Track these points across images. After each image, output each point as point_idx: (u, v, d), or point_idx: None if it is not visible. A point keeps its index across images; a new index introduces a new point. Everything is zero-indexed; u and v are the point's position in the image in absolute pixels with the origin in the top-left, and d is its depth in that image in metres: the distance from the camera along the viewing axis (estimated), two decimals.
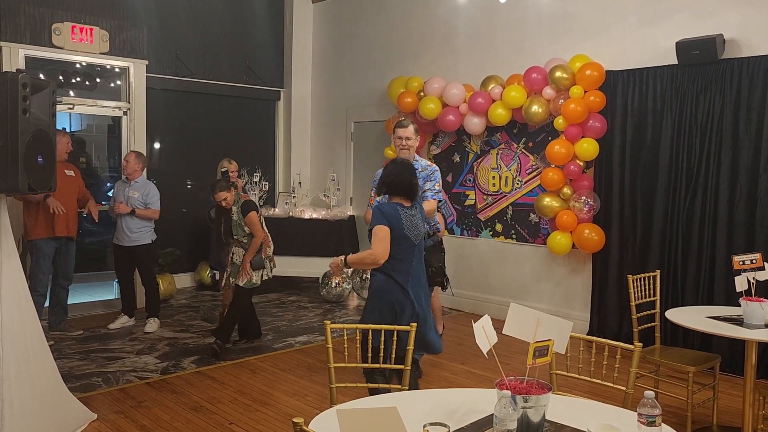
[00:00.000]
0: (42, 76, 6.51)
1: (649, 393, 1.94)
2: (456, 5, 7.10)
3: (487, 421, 2.09)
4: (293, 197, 8.23)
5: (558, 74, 5.87)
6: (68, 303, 6.05)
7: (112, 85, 7.40)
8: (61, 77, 6.95)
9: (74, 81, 7.07)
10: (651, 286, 4.34)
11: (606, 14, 5.95)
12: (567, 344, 2.21)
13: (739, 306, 3.66)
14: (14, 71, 3.27)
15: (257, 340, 5.82)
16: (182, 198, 7.92)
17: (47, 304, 5.82)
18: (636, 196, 5.69)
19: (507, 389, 1.99)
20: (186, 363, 5.17)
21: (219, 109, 8.46)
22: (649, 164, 5.59)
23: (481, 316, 2.27)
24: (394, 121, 6.03)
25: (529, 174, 6.57)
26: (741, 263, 3.77)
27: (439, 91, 6.86)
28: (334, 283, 7.37)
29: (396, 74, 7.53)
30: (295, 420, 1.74)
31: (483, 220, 7.00)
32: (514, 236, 6.73)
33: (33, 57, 6.50)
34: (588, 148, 5.79)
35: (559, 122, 5.95)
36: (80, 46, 6.67)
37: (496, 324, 2.20)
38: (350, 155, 8.62)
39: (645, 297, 4.30)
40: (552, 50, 6.25)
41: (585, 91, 5.82)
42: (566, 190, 5.99)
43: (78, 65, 7.00)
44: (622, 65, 5.76)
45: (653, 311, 4.32)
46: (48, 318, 5.82)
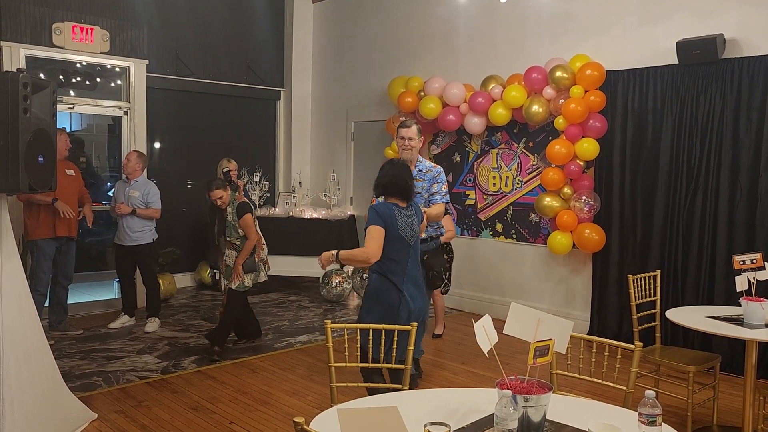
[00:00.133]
0: (42, 76, 6.52)
1: (650, 393, 1.94)
2: (456, 5, 7.10)
3: (488, 421, 2.09)
4: (293, 197, 8.23)
5: (558, 74, 5.87)
6: (68, 302, 6.06)
7: (113, 85, 7.41)
8: (62, 77, 6.96)
9: (75, 81, 7.07)
10: (651, 286, 4.34)
11: (606, 14, 5.95)
12: (567, 344, 2.21)
13: (740, 306, 3.66)
14: (15, 71, 3.28)
15: (257, 340, 5.81)
16: (182, 198, 7.92)
17: (47, 304, 5.83)
18: (636, 196, 5.69)
19: (508, 389, 1.99)
20: (186, 362, 5.18)
21: (219, 109, 8.47)
22: (650, 164, 5.59)
23: (482, 316, 2.27)
24: (395, 121, 6.04)
25: (530, 174, 6.57)
26: (741, 263, 3.77)
27: (440, 91, 6.86)
28: (335, 283, 7.37)
29: (396, 74, 7.53)
30: (296, 419, 1.74)
31: (483, 220, 7.00)
32: (515, 236, 6.73)
33: (33, 57, 6.51)
34: (588, 148, 5.79)
35: (560, 122, 5.95)
36: (81, 46, 6.68)
37: (497, 324, 2.20)
38: (350, 155, 8.62)
39: (645, 297, 4.30)
40: (552, 50, 6.25)
41: (585, 91, 5.82)
42: (566, 190, 5.99)
43: (78, 65, 7.00)
44: (623, 65, 5.76)
45: (653, 311, 4.33)
46: (48, 317, 5.83)
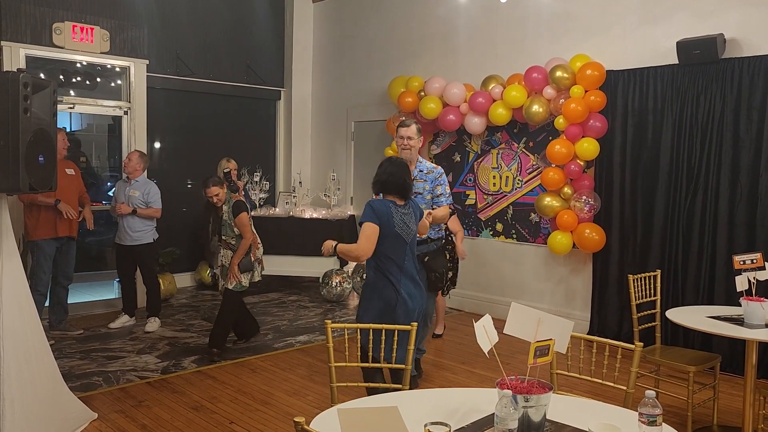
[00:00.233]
0: (43, 76, 6.52)
1: (650, 393, 1.94)
2: (456, 5, 7.10)
3: (488, 421, 2.09)
4: (294, 197, 8.23)
5: (558, 74, 5.87)
6: (69, 302, 6.06)
7: (113, 85, 7.41)
8: (62, 77, 6.96)
9: (75, 80, 7.07)
10: (651, 286, 4.34)
11: (606, 14, 5.95)
12: (568, 344, 2.21)
13: (740, 306, 3.66)
14: (15, 71, 3.27)
15: (257, 335, 5.81)
16: (183, 198, 7.92)
17: (48, 304, 5.83)
18: (636, 196, 5.69)
19: (508, 389, 1.99)
20: (186, 362, 5.17)
21: (219, 109, 8.47)
22: (650, 164, 5.59)
23: (482, 316, 2.27)
24: (395, 121, 6.03)
25: (530, 174, 6.57)
26: (741, 263, 3.78)
27: (440, 91, 6.86)
28: (335, 283, 7.37)
29: (396, 74, 7.53)
30: (297, 419, 1.74)
31: (483, 220, 7.00)
32: (515, 236, 6.73)
33: (34, 56, 6.51)
34: (588, 148, 5.79)
35: (560, 122, 5.95)
36: (81, 46, 6.68)
37: (497, 323, 2.20)
38: (351, 155, 8.62)
39: (645, 297, 4.30)
40: (552, 50, 6.25)
41: (585, 91, 5.82)
42: (567, 190, 5.99)
43: (78, 65, 7.00)
44: (623, 65, 5.76)
45: (654, 311, 4.33)
46: (48, 317, 5.83)
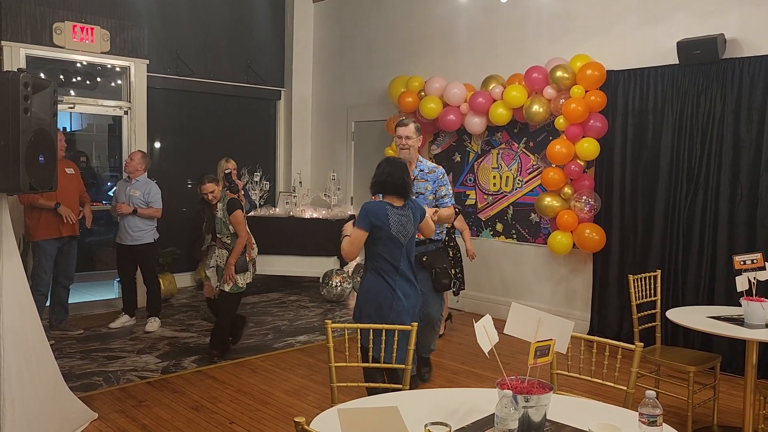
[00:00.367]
0: (43, 76, 6.52)
1: (651, 393, 1.94)
2: (457, 5, 7.10)
3: (488, 421, 2.09)
4: (294, 197, 8.23)
5: (559, 74, 5.87)
6: (69, 302, 6.06)
7: (113, 85, 7.41)
8: (62, 76, 6.96)
9: (75, 80, 7.07)
10: (652, 286, 4.34)
11: (607, 14, 5.95)
12: (568, 344, 2.21)
13: (740, 306, 3.66)
14: (15, 70, 3.27)
15: (245, 328, 5.64)
16: (183, 198, 7.92)
17: (48, 304, 5.83)
18: (637, 196, 5.69)
19: (508, 389, 1.99)
20: (186, 362, 5.17)
21: (220, 109, 8.47)
22: (650, 164, 5.59)
23: (483, 316, 2.27)
24: (395, 121, 6.02)
25: (530, 174, 6.57)
26: (742, 263, 3.78)
27: (440, 91, 6.86)
28: (335, 283, 7.37)
29: (397, 74, 7.52)
30: (297, 419, 1.74)
31: (483, 220, 7.00)
32: (515, 236, 6.73)
33: (34, 56, 6.50)
34: (589, 148, 5.79)
35: (560, 122, 5.95)
36: (81, 46, 6.68)
37: (497, 324, 2.20)
38: (351, 155, 8.62)
39: (646, 297, 4.29)
40: (553, 50, 6.25)
41: (586, 91, 5.82)
42: (567, 190, 5.99)
43: (79, 64, 7.00)
44: (623, 65, 5.76)
45: (654, 311, 4.32)
46: (49, 317, 5.83)
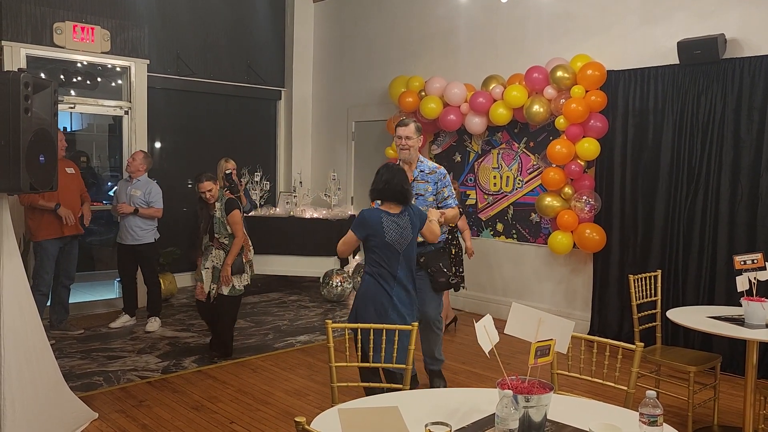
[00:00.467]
0: (43, 76, 6.52)
1: (651, 393, 1.94)
2: (457, 5, 7.10)
3: (489, 421, 2.10)
4: (294, 197, 8.23)
5: (559, 74, 5.87)
6: (69, 302, 6.06)
7: (114, 85, 7.41)
8: (63, 76, 6.96)
9: (75, 80, 7.07)
10: (652, 286, 4.34)
11: (607, 14, 5.95)
12: (569, 344, 2.21)
13: (740, 306, 3.66)
14: (16, 70, 3.27)
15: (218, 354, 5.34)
16: (183, 197, 7.91)
17: (49, 303, 5.83)
18: (637, 196, 5.68)
19: (509, 389, 1.99)
20: (187, 362, 5.17)
21: (220, 109, 8.47)
22: (650, 164, 5.59)
23: (483, 316, 2.27)
24: (396, 121, 6.01)
25: (530, 174, 6.57)
26: (742, 263, 3.77)
27: (440, 91, 6.86)
28: (335, 283, 7.37)
29: (397, 74, 7.52)
30: (297, 419, 1.74)
31: (484, 220, 7.00)
32: (515, 236, 6.73)
33: (34, 56, 6.50)
34: (589, 148, 5.79)
35: (560, 122, 5.95)
36: (81, 46, 6.68)
37: (498, 323, 2.20)
38: (351, 155, 8.62)
39: (646, 297, 4.29)
40: (553, 50, 6.25)
41: (586, 91, 5.82)
42: (567, 190, 5.99)
43: (79, 64, 7.00)
44: (624, 65, 5.76)
45: (654, 311, 4.32)
46: (49, 317, 5.83)
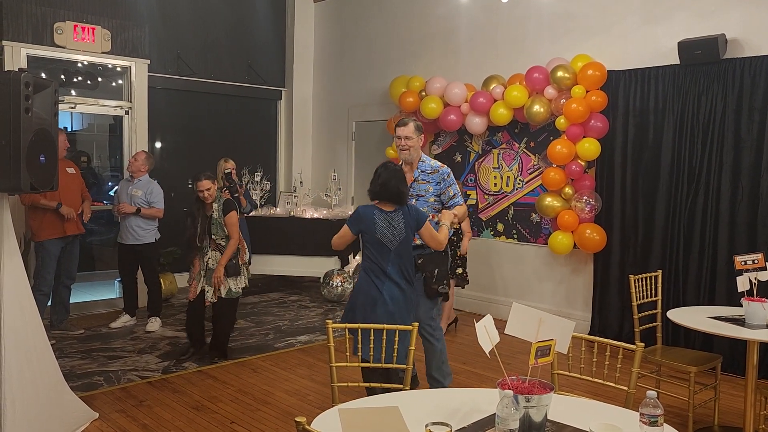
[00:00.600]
0: (44, 76, 6.52)
1: (652, 393, 1.94)
2: (457, 5, 7.09)
3: (489, 421, 2.10)
4: (294, 197, 8.23)
5: (560, 74, 5.87)
6: (70, 302, 6.06)
7: (114, 85, 7.41)
8: (63, 76, 6.96)
9: (76, 80, 7.07)
10: (652, 286, 4.34)
11: (608, 14, 5.95)
12: (569, 344, 2.21)
13: (741, 306, 3.66)
14: (16, 70, 3.27)
15: (197, 354, 5.27)
16: (183, 197, 7.89)
17: (49, 303, 5.83)
18: (637, 196, 5.68)
19: (509, 389, 1.99)
20: (187, 362, 5.17)
21: (221, 109, 8.47)
22: (651, 164, 5.58)
23: (483, 316, 2.27)
24: (396, 121, 6.01)
25: (531, 174, 6.56)
26: (743, 263, 3.77)
27: (441, 91, 6.86)
28: (335, 283, 7.37)
29: (397, 74, 7.52)
30: (298, 419, 1.74)
31: (484, 220, 7.00)
32: (516, 236, 6.73)
33: (35, 56, 6.50)
34: (590, 148, 5.78)
35: (561, 122, 5.95)
36: (82, 46, 6.68)
37: (498, 324, 2.20)
38: (351, 155, 8.62)
39: (646, 297, 4.29)
40: (553, 50, 6.25)
41: (587, 91, 5.81)
42: (568, 190, 5.99)
43: (80, 64, 7.00)
44: (624, 65, 5.76)
45: (655, 311, 4.32)
46: (50, 317, 5.83)
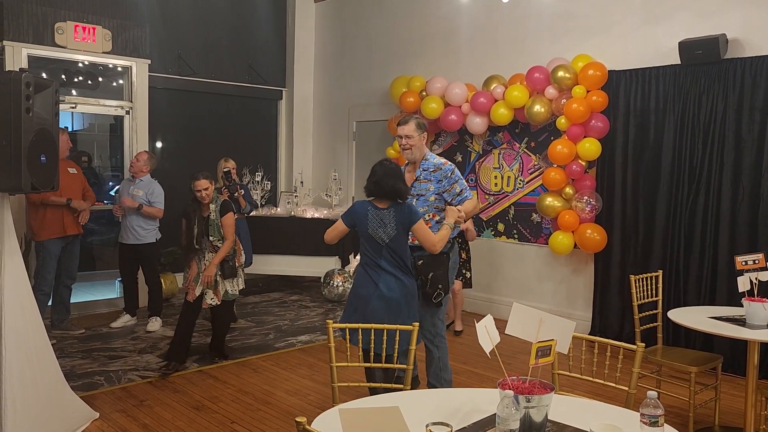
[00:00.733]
0: (45, 76, 6.53)
1: (652, 393, 1.94)
2: (458, 4, 7.09)
3: (490, 421, 2.10)
4: (295, 196, 8.23)
5: (560, 74, 5.87)
6: (71, 301, 6.06)
7: (115, 85, 7.42)
8: (64, 76, 6.97)
9: (77, 80, 7.08)
10: (653, 286, 4.33)
11: (608, 14, 5.95)
12: (569, 344, 2.21)
13: (742, 306, 3.66)
14: (17, 70, 3.27)
15: (180, 366, 5.02)
16: (184, 197, 7.87)
17: (50, 303, 5.83)
18: (638, 196, 5.68)
19: (509, 389, 1.99)
20: (188, 362, 5.17)
21: (221, 109, 8.47)
22: (652, 164, 5.58)
23: (484, 316, 2.27)
24: (397, 121, 6.01)
25: (531, 174, 6.56)
26: (743, 263, 3.77)
27: (441, 91, 6.86)
28: (336, 283, 7.38)
29: (398, 74, 7.52)
30: (298, 419, 1.74)
31: (485, 220, 6.99)
32: (516, 236, 6.73)
33: (36, 56, 6.51)
34: (590, 148, 5.78)
35: (562, 122, 5.95)
36: (83, 46, 6.68)
37: (499, 324, 2.20)
38: (352, 155, 8.62)
39: (647, 297, 4.29)
40: (554, 50, 6.24)
41: (587, 91, 5.81)
42: (568, 190, 5.99)
43: (80, 64, 7.01)
44: (625, 65, 5.75)
45: (655, 311, 4.32)
46: (50, 316, 5.83)
